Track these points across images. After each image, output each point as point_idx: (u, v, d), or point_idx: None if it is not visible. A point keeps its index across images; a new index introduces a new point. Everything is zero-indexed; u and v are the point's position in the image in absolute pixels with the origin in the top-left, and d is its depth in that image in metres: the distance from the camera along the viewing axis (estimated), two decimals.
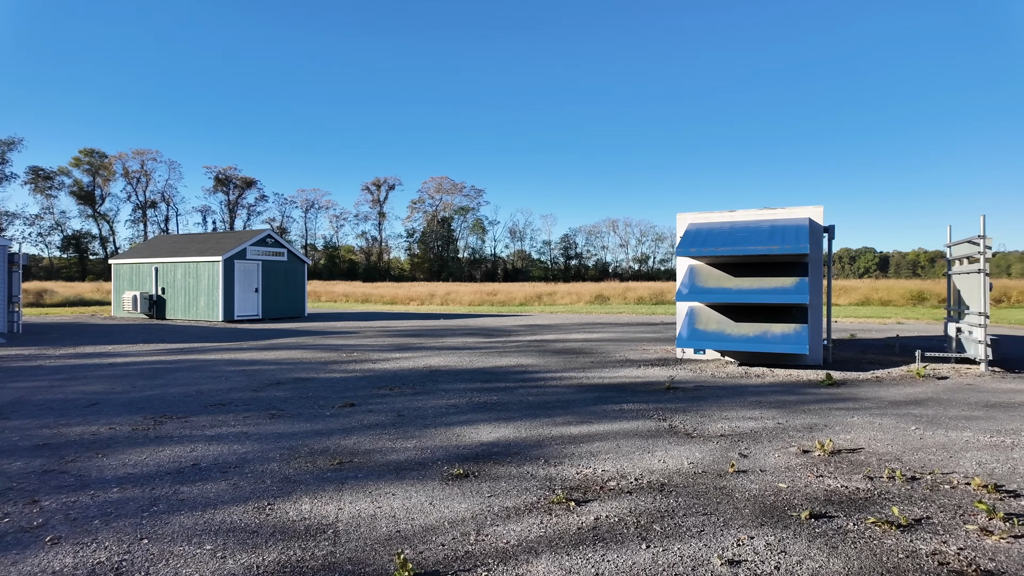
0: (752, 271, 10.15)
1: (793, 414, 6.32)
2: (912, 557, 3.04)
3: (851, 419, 6.09)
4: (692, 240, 10.39)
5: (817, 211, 10.21)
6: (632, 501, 3.83)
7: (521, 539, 3.25)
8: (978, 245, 9.37)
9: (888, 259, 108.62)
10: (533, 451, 4.97)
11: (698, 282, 10.34)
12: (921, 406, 6.72)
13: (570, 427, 5.77)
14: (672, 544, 3.19)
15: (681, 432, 5.58)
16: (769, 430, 5.66)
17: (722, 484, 4.15)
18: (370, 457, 4.83)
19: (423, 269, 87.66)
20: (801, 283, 9.42)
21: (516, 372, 9.27)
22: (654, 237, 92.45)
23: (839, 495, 3.93)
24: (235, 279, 21.18)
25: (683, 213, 11.40)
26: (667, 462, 4.66)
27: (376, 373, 9.23)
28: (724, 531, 3.36)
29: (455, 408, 6.66)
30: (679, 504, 3.77)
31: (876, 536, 3.29)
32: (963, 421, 6.00)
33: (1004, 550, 3.13)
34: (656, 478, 4.28)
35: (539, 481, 4.22)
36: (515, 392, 7.59)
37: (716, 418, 6.15)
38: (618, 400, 7.06)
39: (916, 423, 5.91)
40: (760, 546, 3.17)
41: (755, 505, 3.76)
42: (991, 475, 4.34)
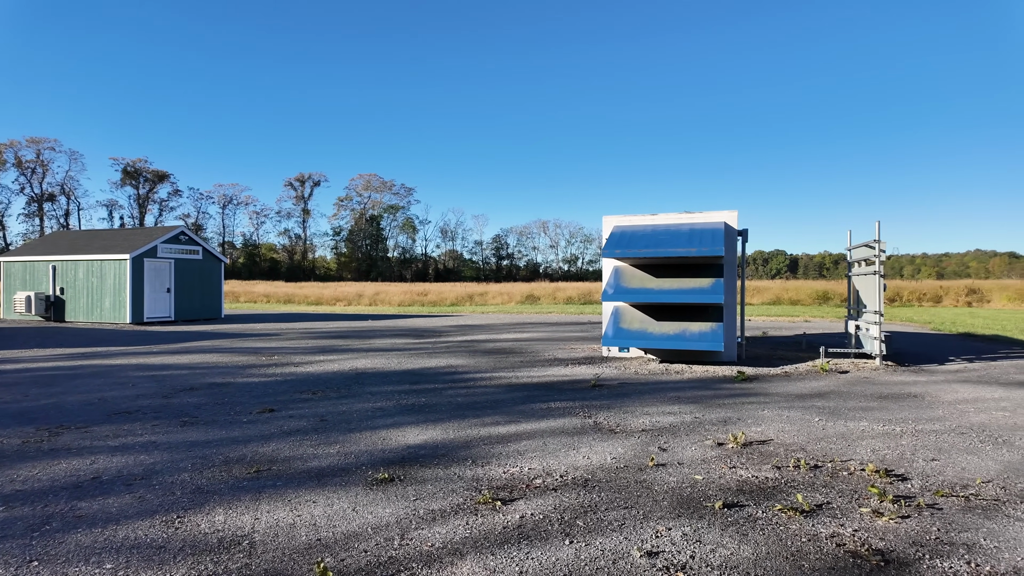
0: (673, 272, 10.57)
1: (709, 408, 6.63)
2: (813, 540, 3.26)
3: (762, 412, 6.46)
4: (617, 242, 10.70)
5: (732, 216, 10.76)
6: (557, 498, 3.89)
7: (446, 541, 3.23)
8: (874, 249, 10.18)
9: (797, 261, 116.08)
10: (461, 452, 4.96)
11: (623, 283, 10.65)
12: (824, 399, 7.22)
13: (498, 427, 5.79)
14: (594, 539, 3.27)
15: (605, 428, 5.73)
16: (687, 424, 5.91)
17: (643, 478, 4.29)
18: (290, 464, 4.66)
19: (351, 269, 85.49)
20: (717, 284, 9.90)
21: (446, 373, 9.21)
22: (583, 239, 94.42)
23: (750, 485, 4.16)
24: (145, 279, 19.86)
25: (609, 216, 11.71)
26: (591, 458, 4.77)
27: (298, 377, 8.91)
28: (644, 523, 3.48)
29: (382, 411, 6.53)
30: (602, 499, 3.87)
31: (782, 522, 3.51)
32: (860, 412, 6.49)
33: (892, 530, 3.41)
34: (580, 474, 4.37)
35: (466, 482, 4.21)
36: (444, 393, 7.54)
37: (638, 414, 6.36)
38: (546, 399, 7.16)
39: (819, 415, 6.34)
40: (677, 537, 3.30)
41: (673, 497, 3.91)
42: (883, 461, 4.72)
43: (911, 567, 2.96)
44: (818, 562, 3.01)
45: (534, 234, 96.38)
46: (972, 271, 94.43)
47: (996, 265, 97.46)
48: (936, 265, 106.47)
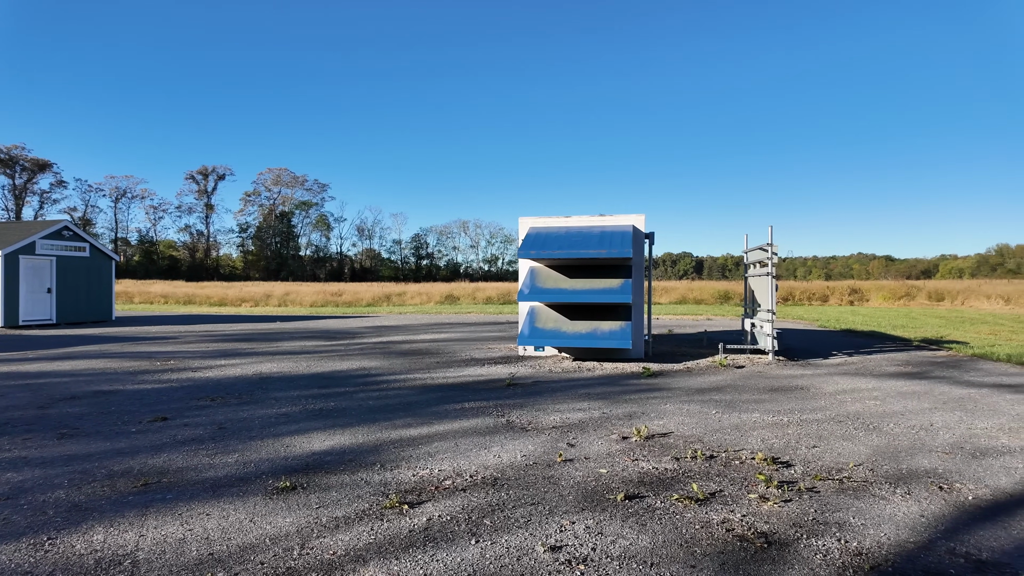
0: (585, 273, 10.86)
1: (616, 404, 6.87)
2: (706, 527, 3.46)
3: (664, 406, 6.77)
4: (532, 243, 10.86)
5: (640, 219, 11.20)
6: (466, 498, 3.89)
7: (349, 548, 3.15)
8: (767, 252, 10.94)
9: (702, 263, 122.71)
10: (369, 457, 4.85)
11: (538, 283, 10.82)
12: (721, 392, 7.68)
13: (410, 429, 5.71)
14: (500, 536, 3.30)
15: (517, 427, 5.80)
16: (595, 420, 6.09)
17: (550, 474, 4.38)
18: (183, 475, 4.37)
19: (259, 267, 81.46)
20: (626, 284, 10.28)
21: (357, 376, 8.98)
22: (504, 239, 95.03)
23: (650, 476, 4.35)
24: (20, 277, 17.98)
25: (525, 217, 11.86)
26: (502, 457, 4.81)
27: (196, 382, 8.38)
28: (549, 519, 3.55)
29: (286, 417, 6.27)
30: (509, 497, 3.91)
31: (679, 511, 3.69)
32: (753, 404, 6.96)
33: (776, 513, 3.68)
34: (490, 473, 4.39)
35: (373, 487, 4.12)
36: (354, 397, 7.35)
37: (550, 411, 6.48)
38: (460, 399, 7.14)
39: (717, 407, 6.73)
40: (580, 530, 3.39)
41: (578, 491, 4.02)
42: (771, 449, 5.08)
43: (790, 547, 3.20)
44: (709, 547, 3.19)
45: (455, 234, 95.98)
46: (855, 272, 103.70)
47: (875, 267, 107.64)
48: (825, 267, 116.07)
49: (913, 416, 6.29)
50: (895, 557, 3.08)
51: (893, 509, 3.73)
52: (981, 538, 3.31)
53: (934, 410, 6.57)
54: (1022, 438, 5.41)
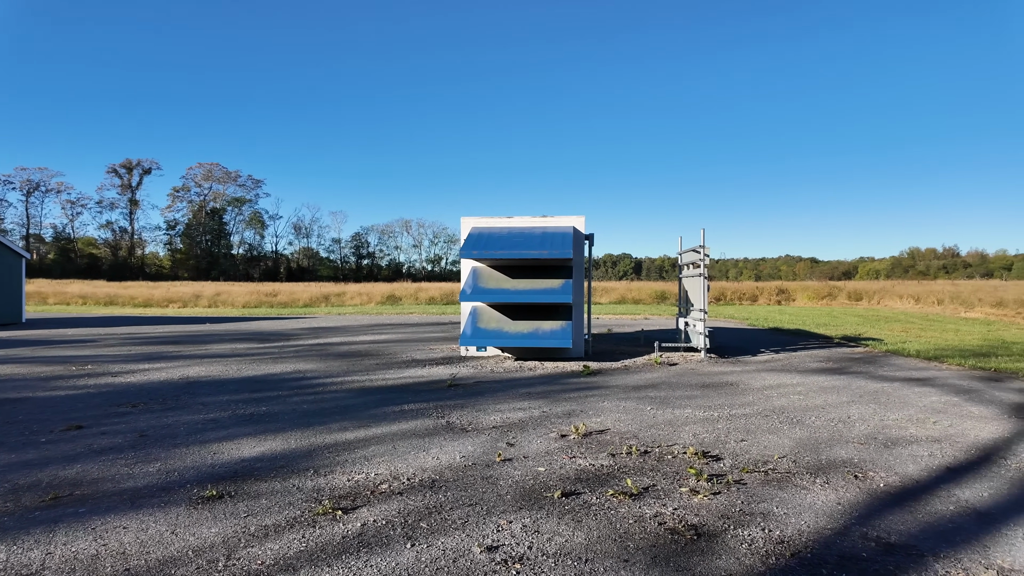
0: (527, 273, 10.93)
1: (556, 402, 6.95)
2: (639, 521, 3.54)
3: (602, 404, 6.90)
4: (475, 243, 10.83)
5: (580, 220, 11.38)
6: (402, 502, 3.83)
7: (279, 558, 3.04)
8: (700, 253, 11.34)
9: (641, 264, 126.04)
10: (302, 462, 4.70)
11: (480, 283, 10.81)
12: (656, 389, 7.89)
13: (346, 433, 5.58)
14: (437, 539, 3.26)
15: (457, 428, 5.76)
16: (535, 419, 6.13)
17: (489, 474, 4.37)
18: (98, 487, 4.10)
19: (188, 267, 77.72)
20: (566, 284, 10.42)
21: (292, 379, 8.70)
22: (447, 239, 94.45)
23: (587, 473, 4.42)
24: None
25: (467, 217, 11.81)
26: (441, 458, 4.76)
27: (116, 388, 7.89)
28: (487, 519, 3.54)
29: (214, 423, 5.99)
30: (447, 499, 3.88)
31: (613, 506, 3.77)
32: (686, 400, 7.18)
33: (705, 506, 3.80)
34: (429, 475, 4.35)
35: (305, 493, 3.99)
36: (288, 401, 7.11)
37: (490, 411, 6.48)
38: (399, 401, 7.04)
39: (651, 404, 6.91)
40: (517, 529, 3.40)
41: (516, 490, 4.03)
42: (702, 444, 5.26)
43: (718, 538, 3.32)
44: (642, 541, 3.27)
45: (397, 233, 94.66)
46: (783, 274, 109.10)
47: (801, 269, 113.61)
48: (755, 268, 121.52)
49: (833, 409, 6.66)
50: (814, 544, 3.25)
51: (813, 498, 3.93)
52: (891, 522, 3.54)
53: (851, 403, 6.98)
54: (927, 428, 5.83)
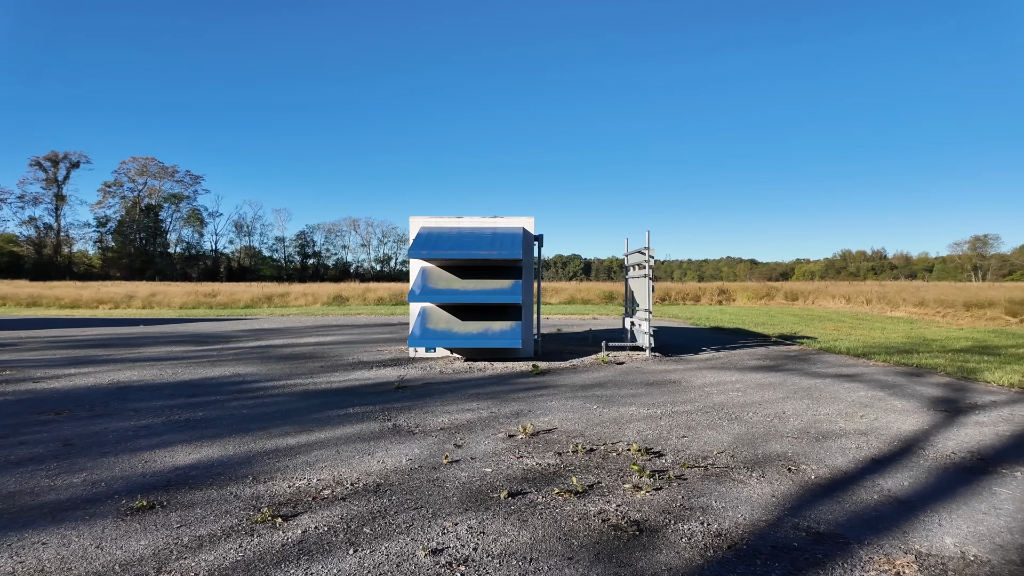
0: (477, 273, 10.91)
1: (504, 403, 6.96)
2: (584, 519, 3.59)
3: (550, 403, 6.96)
4: (424, 243, 10.73)
5: (529, 221, 11.45)
6: (346, 507, 3.75)
7: (213, 569, 2.92)
8: (644, 255, 11.60)
9: (591, 264, 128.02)
10: (241, 469, 4.53)
11: (429, 283, 10.71)
12: (603, 388, 8.02)
13: (287, 438, 5.42)
14: (380, 544, 3.21)
15: (404, 430, 5.69)
16: (483, 419, 6.13)
17: (436, 476, 4.34)
18: (15, 501, 3.84)
19: (120, 266, 73.84)
20: (516, 285, 10.45)
21: (231, 383, 8.38)
22: (396, 238, 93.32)
23: (534, 472, 4.45)
24: None
25: (416, 216, 11.69)
26: (386, 462, 4.69)
27: (38, 394, 7.41)
28: (432, 522, 3.51)
29: (147, 430, 5.71)
30: (392, 503, 3.82)
31: (558, 505, 3.80)
32: (631, 398, 7.33)
33: (648, 501, 3.89)
34: (373, 480, 4.27)
35: (243, 501, 3.85)
36: (226, 406, 6.85)
37: (438, 413, 6.43)
38: (344, 404, 6.89)
39: (598, 402, 7.02)
40: (463, 531, 3.39)
41: (463, 492, 4.01)
42: (645, 440, 5.38)
43: (659, 532, 3.40)
44: (586, 538, 3.31)
45: (344, 232, 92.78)
46: (724, 275, 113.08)
47: (741, 270, 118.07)
48: (698, 269, 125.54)
49: (769, 405, 6.94)
50: (749, 536, 3.37)
51: (749, 491, 4.08)
52: (820, 512, 3.72)
53: (786, 399, 7.29)
54: (855, 422, 6.15)
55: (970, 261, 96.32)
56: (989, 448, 5.16)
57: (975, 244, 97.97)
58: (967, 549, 3.21)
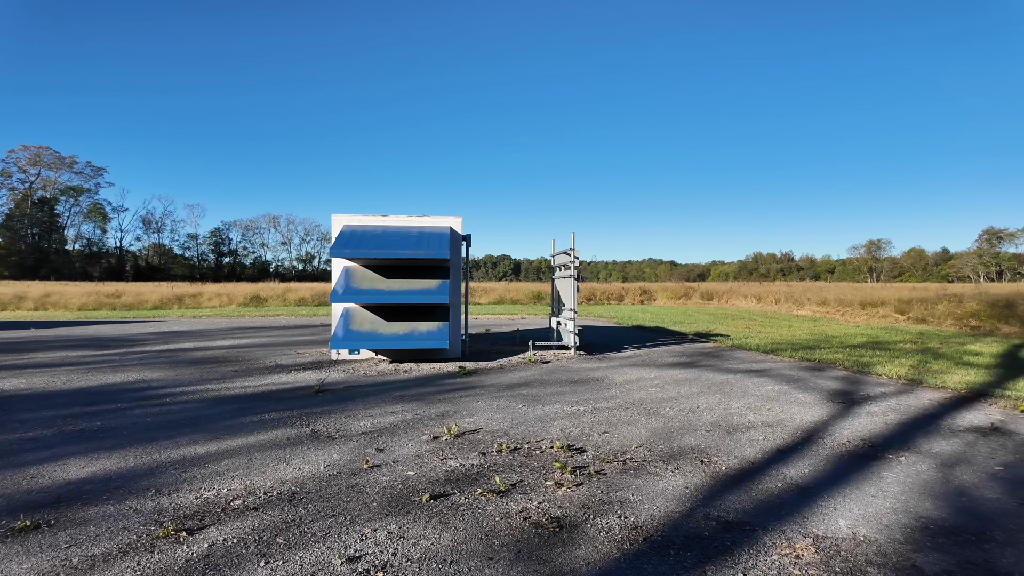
0: (403, 273, 10.74)
1: (430, 404, 6.88)
2: (505, 518, 3.60)
3: (476, 403, 6.94)
4: (347, 242, 10.43)
5: (457, 221, 11.39)
6: (258, 517, 3.57)
7: None
8: (570, 256, 11.82)
9: (520, 265, 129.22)
10: (142, 481, 4.23)
11: (353, 283, 10.43)
12: (529, 387, 8.10)
13: (196, 447, 5.11)
14: (295, 554, 3.08)
15: (323, 435, 5.51)
16: (407, 422, 6.03)
17: (355, 482, 4.22)
18: None
19: (9, 264, 67.32)
20: (443, 285, 10.37)
21: (134, 390, 7.82)
22: (320, 236, 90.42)
23: (457, 473, 4.42)
24: None
25: (338, 214, 11.35)
26: (303, 469, 4.52)
27: None
28: (350, 529, 3.41)
29: (35, 442, 5.22)
30: (308, 511, 3.68)
31: (481, 505, 3.79)
32: (555, 396, 7.44)
33: (568, 497, 3.95)
34: (288, 488, 4.10)
35: (144, 516, 3.59)
36: (128, 414, 6.38)
37: (360, 416, 6.27)
38: (259, 410, 6.58)
39: (523, 401, 7.08)
40: (382, 536, 3.31)
41: (383, 497, 3.93)
42: (568, 437, 5.47)
43: (579, 528, 3.46)
44: (507, 537, 3.32)
45: (263, 229, 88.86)
46: (646, 275, 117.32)
47: (662, 271, 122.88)
48: (622, 270, 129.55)
49: (685, 400, 7.24)
50: (664, 527, 3.49)
51: (664, 484, 4.24)
52: (729, 502, 3.91)
53: (701, 394, 7.63)
54: (763, 414, 6.52)
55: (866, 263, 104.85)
56: (879, 436, 5.61)
57: (870, 248, 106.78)
58: (858, 530, 3.48)
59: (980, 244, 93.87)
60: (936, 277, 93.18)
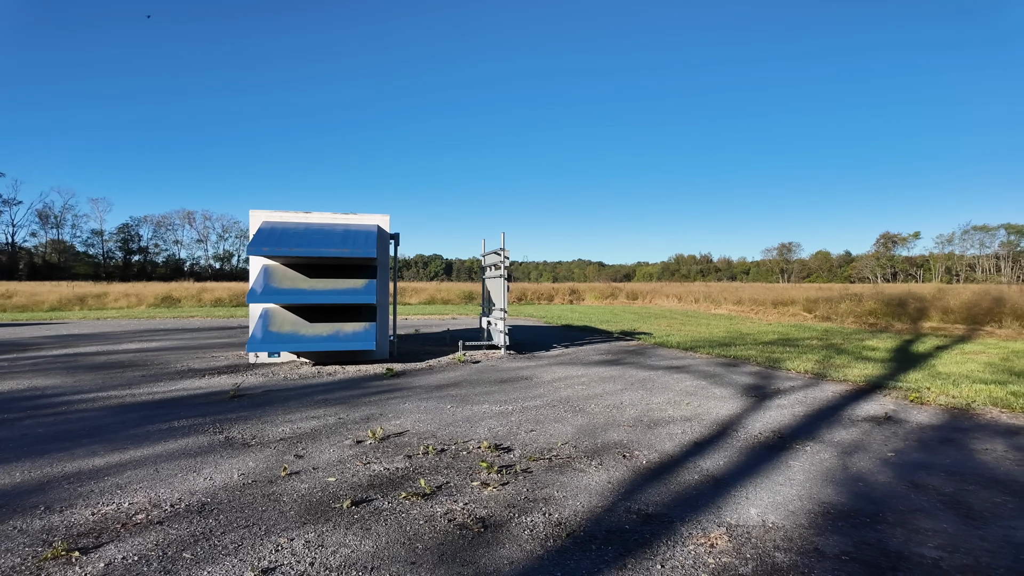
0: (327, 272, 10.40)
1: (354, 408, 6.70)
2: (430, 521, 3.54)
3: (403, 405, 6.82)
4: (267, 239, 9.98)
5: (385, 219, 11.16)
6: (163, 532, 3.34)
7: None
8: (500, 256, 11.85)
9: (452, 265, 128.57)
10: (31, 498, 3.86)
11: (273, 283, 10.00)
12: (458, 387, 8.05)
13: (95, 459, 4.73)
14: (202, 569, 2.90)
15: (238, 442, 5.23)
16: (330, 426, 5.84)
17: (272, 490, 4.04)
18: None
19: None
20: (370, 284, 10.13)
21: (25, 398, 7.15)
22: (238, 234, 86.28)
23: (381, 478, 4.31)
24: None
25: (257, 210, 10.86)
26: (215, 479, 4.27)
27: None
28: (264, 540, 3.25)
29: None
30: (219, 523, 3.48)
31: (405, 509, 3.72)
32: (484, 396, 7.43)
33: (494, 497, 3.95)
34: (198, 499, 3.86)
35: (31, 536, 3.28)
36: (17, 425, 5.82)
37: (279, 422, 6.01)
38: (168, 417, 6.18)
39: (452, 402, 7.02)
40: (299, 546, 3.18)
41: (302, 505, 3.77)
42: (496, 437, 5.47)
43: (503, 527, 3.46)
44: (431, 541, 3.27)
45: (177, 226, 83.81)
46: (576, 276, 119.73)
47: (591, 271, 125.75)
48: (553, 271, 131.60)
49: (609, 397, 7.41)
50: (586, 522, 3.55)
51: (588, 479, 4.31)
52: (649, 495, 4.03)
53: (625, 391, 7.84)
54: (682, 409, 6.77)
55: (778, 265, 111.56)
56: (787, 427, 5.96)
57: (782, 251, 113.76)
58: (767, 518, 3.67)
59: (878, 248, 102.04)
60: (840, 278, 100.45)
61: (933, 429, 5.90)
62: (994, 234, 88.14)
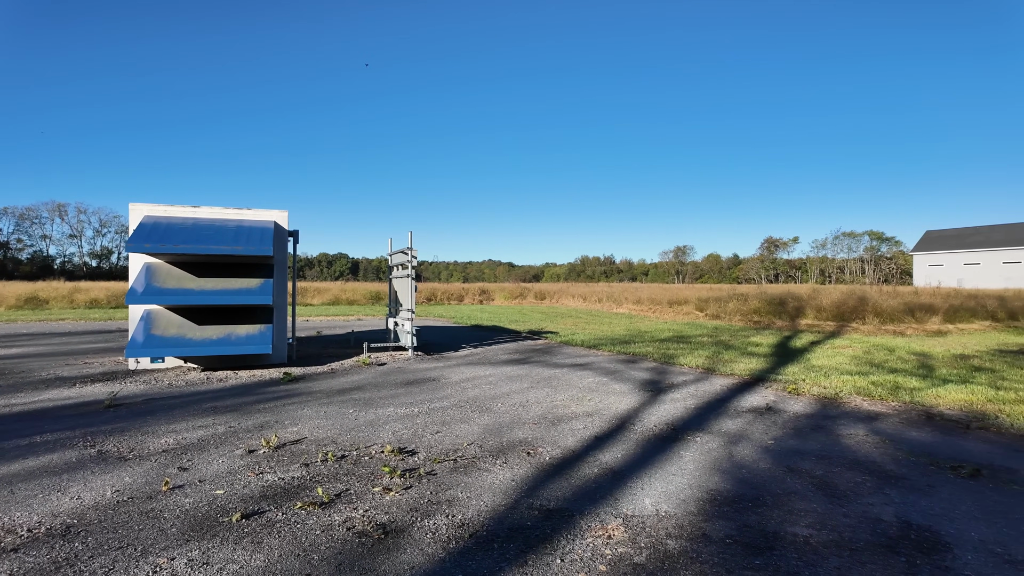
0: (218, 271, 9.75)
1: (247, 415, 6.32)
2: (327, 530, 3.41)
3: (301, 411, 6.53)
4: (149, 235, 9.19)
5: (283, 215, 10.64)
6: (17, 561, 2.98)
7: None
8: (408, 255, 11.65)
9: (359, 264, 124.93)
10: None
11: (156, 282, 9.23)
12: (362, 390, 7.82)
13: None
14: None
15: (113, 456, 4.78)
16: (219, 436, 5.47)
17: (151, 507, 3.71)
18: None
19: None
20: (266, 284, 9.61)
21: None
22: (118, 229, 79.05)
23: (275, 488, 4.10)
24: None
25: (138, 204, 9.98)
26: (84, 497, 3.87)
27: None
28: (141, 561, 2.99)
29: None
30: (87, 545, 3.15)
31: (301, 519, 3.55)
32: (389, 399, 7.27)
33: (396, 502, 3.86)
34: (63, 521, 3.48)
35: None
36: None
37: (162, 432, 5.55)
38: (29, 432, 5.53)
39: (355, 406, 6.81)
40: (181, 565, 2.95)
41: (185, 521, 3.50)
42: (400, 440, 5.36)
43: (405, 532, 3.39)
44: (328, 551, 3.14)
45: (45, 219, 75.44)
46: (486, 276, 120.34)
47: (501, 272, 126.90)
48: (463, 271, 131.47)
49: (516, 395, 7.50)
50: (489, 521, 3.56)
51: (493, 478, 4.33)
52: (551, 491, 4.10)
53: (531, 389, 7.96)
54: (584, 405, 6.98)
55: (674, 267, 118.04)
56: (679, 420, 6.30)
57: (677, 253, 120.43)
58: (660, 507, 3.85)
59: (762, 251, 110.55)
60: (729, 279, 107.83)
61: (807, 418, 6.46)
62: (859, 239, 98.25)
